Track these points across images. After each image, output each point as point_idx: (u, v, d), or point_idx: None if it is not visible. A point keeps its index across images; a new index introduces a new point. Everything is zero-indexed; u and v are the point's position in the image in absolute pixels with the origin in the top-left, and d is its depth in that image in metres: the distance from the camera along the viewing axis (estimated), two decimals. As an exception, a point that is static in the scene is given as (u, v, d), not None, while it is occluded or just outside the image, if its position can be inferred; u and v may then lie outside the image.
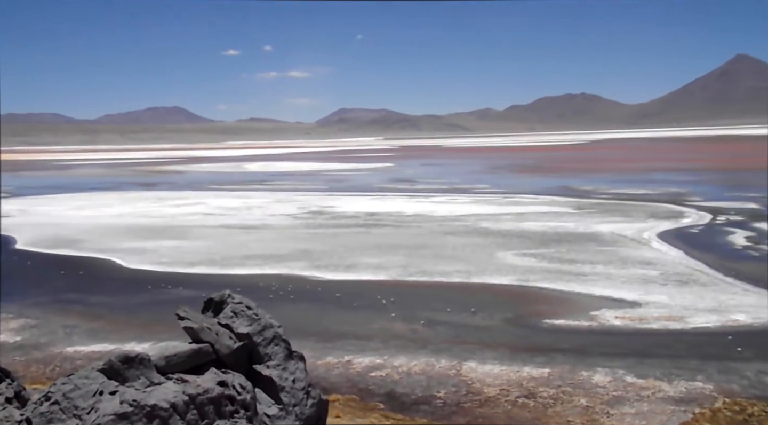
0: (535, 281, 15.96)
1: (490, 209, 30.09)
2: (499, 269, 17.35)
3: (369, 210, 31.10)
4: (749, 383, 9.17)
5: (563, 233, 22.74)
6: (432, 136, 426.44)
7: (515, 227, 24.63)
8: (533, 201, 33.22)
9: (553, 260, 18.34)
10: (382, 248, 20.93)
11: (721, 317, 12.38)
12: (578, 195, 35.61)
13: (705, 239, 21.41)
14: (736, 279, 15.44)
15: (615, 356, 10.55)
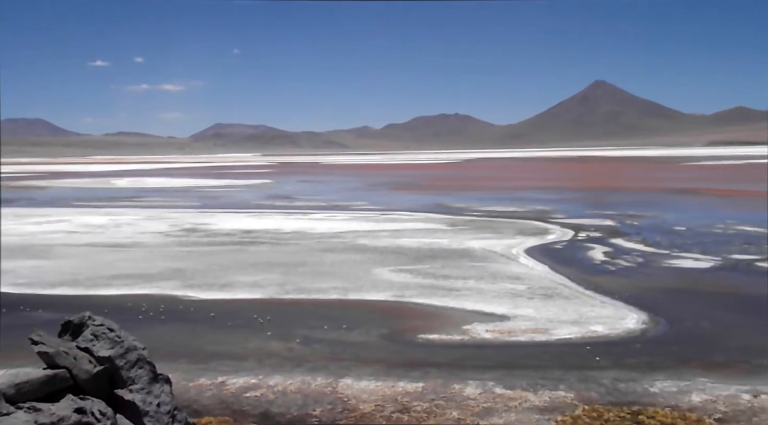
0: (410, 297, 16.24)
1: (367, 226, 30.39)
2: (375, 286, 17.53)
3: (245, 227, 30.61)
4: (606, 390, 9.72)
5: (438, 250, 23.31)
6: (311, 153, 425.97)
7: (392, 243, 24.99)
8: (409, 218, 33.86)
9: (428, 275, 18.74)
10: (259, 266, 20.64)
11: (581, 329, 13.07)
12: (452, 212, 36.62)
13: (568, 254, 22.57)
14: (595, 292, 16.36)
15: (485, 368, 10.89)
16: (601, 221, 31.07)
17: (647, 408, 8.87)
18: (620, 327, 13.23)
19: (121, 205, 43.75)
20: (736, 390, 9.48)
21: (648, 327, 13.23)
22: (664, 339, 12.53)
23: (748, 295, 16.08)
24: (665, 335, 12.79)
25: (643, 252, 22.46)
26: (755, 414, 8.60)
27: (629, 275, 18.92)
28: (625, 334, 12.78)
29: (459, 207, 39.63)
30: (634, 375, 10.29)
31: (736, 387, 9.60)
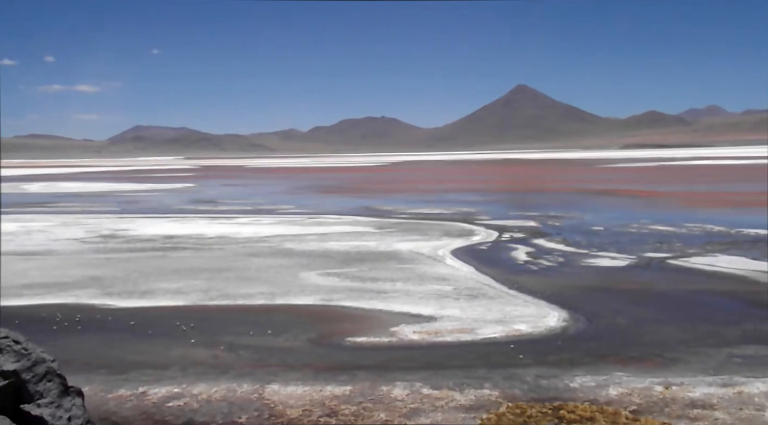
0: (338, 300, 16.22)
1: (294, 230, 30.19)
2: (303, 290, 17.43)
3: (167, 233, 29.93)
4: (529, 387, 9.95)
5: (365, 252, 23.36)
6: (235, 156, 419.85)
7: (319, 247, 24.91)
8: (337, 221, 33.81)
9: (356, 278, 18.77)
10: (182, 273, 20.22)
11: (506, 328, 13.34)
12: (379, 215, 36.76)
13: (492, 255, 22.99)
14: (519, 292, 16.74)
15: (413, 369, 10.97)
16: (524, 222, 31.78)
17: (568, 403, 9.13)
18: (542, 325, 13.57)
19: (32, 211, 42.05)
20: (649, 382, 9.86)
21: (568, 325, 13.61)
22: (583, 335, 12.92)
23: (660, 291, 16.75)
24: (584, 331, 13.19)
25: (563, 252, 23.10)
26: (667, 404, 8.97)
27: (550, 274, 19.42)
28: (547, 332, 13.11)
29: (386, 210, 39.83)
30: (555, 372, 10.57)
31: (649, 379, 9.98)
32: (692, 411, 8.67)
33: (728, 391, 9.33)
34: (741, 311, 14.41)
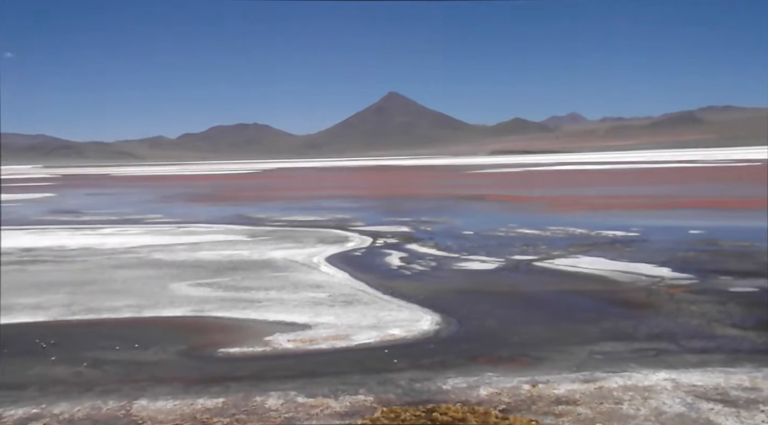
0: (210, 311, 15.80)
1: (163, 240, 29.15)
2: (172, 301, 16.85)
3: (24, 245, 28.10)
4: (403, 391, 10.09)
5: (238, 261, 22.92)
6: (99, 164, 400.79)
7: (190, 257, 24.19)
8: (208, 230, 32.98)
9: (229, 288, 18.36)
10: (41, 287, 19.02)
11: (380, 333, 13.47)
12: (252, 223, 36.20)
13: (367, 260, 23.19)
14: (393, 297, 16.96)
15: (287, 378, 10.86)
16: (398, 228, 32.27)
17: (441, 405, 9.33)
18: (416, 329, 13.81)
19: None
20: (517, 381, 10.25)
21: (441, 328, 13.92)
22: (455, 338, 13.26)
23: (527, 292, 17.47)
24: (456, 334, 13.54)
25: (435, 256, 23.64)
26: (534, 402, 9.36)
27: (423, 278, 19.82)
28: (420, 336, 13.35)
29: (259, 218, 39.28)
30: (428, 375, 10.78)
31: (518, 379, 10.38)
32: (557, 408, 9.09)
33: (590, 387, 9.85)
34: (601, 309, 15.24)
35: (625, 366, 10.89)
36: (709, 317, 14.01)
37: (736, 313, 14.23)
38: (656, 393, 9.51)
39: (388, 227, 32.56)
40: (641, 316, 14.33)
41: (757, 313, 14.18)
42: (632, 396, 9.42)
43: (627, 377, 10.27)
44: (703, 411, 8.76)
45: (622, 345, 12.17)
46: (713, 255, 21.82)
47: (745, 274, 18.42)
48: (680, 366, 10.75)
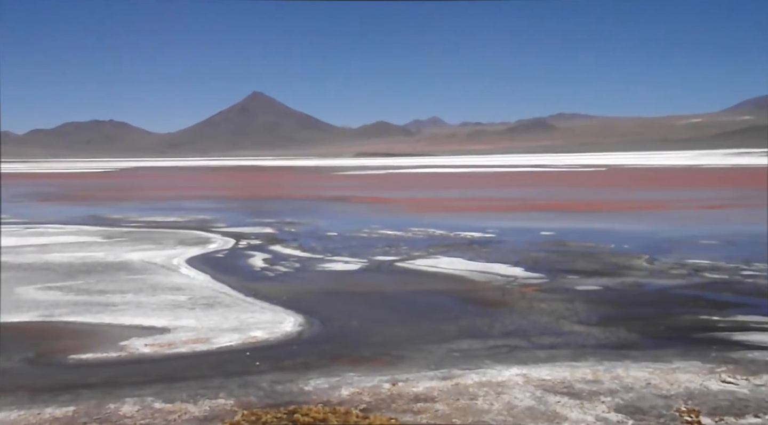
0: (61, 316, 14.93)
1: (9, 242, 27.20)
2: (19, 306, 15.76)
3: None
4: (264, 393, 9.99)
5: (92, 264, 21.80)
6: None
7: (39, 259, 22.73)
8: (59, 231, 31.13)
9: (82, 292, 17.43)
10: None
11: (242, 335, 13.26)
12: (108, 224, 34.61)
13: (229, 262, 22.75)
14: (256, 298, 16.74)
15: (144, 384, 10.45)
16: (261, 229, 31.89)
17: (302, 406, 9.31)
18: (279, 330, 13.70)
19: None
20: (378, 380, 10.41)
21: (304, 329, 13.89)
22: (318, 338, 13.28)
23: (389, 293, 17.79)
24: (319, 335, 13.56)
25: (299, 257, 23.56)
26: (394, 400, 9.55)
27: (287, 280, 19.70)
28: (283, 337, 13.27)
29: (116, 218, 37.58)
30: (290, 376, 10.73)
31: (378, 377, 10.54)
32: (416, 405, 9.32)
33: (447, 384, 10.17)
34: (458, 308, 15.77)
35: (480, 362, 11.33)
36: (558, 314, 14.84)
37: (582, 310, 15.16)
38: (509, 387, 9.97)
39: (251, 229, 32.10)
40: (496, 314, 14.97)
41: (600, 310, 15.18)
42: (487, 391, 9.82)
43: (482, 373, 10.69)
44: (551, 404, 9.27)
45: (478, 343, 12.66)
46: (562, 256, 23.14)
47: (590, 273, 19.67)
48: (531, 362, 11.32)
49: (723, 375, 10.29)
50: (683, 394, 9.51)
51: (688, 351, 11.81)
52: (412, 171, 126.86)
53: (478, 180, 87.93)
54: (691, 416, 8.62)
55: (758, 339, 12.52)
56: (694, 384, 9.94)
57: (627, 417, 8.74)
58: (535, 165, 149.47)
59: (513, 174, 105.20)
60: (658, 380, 10.16)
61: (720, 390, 9.64)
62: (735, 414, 8.74)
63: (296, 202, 51.50)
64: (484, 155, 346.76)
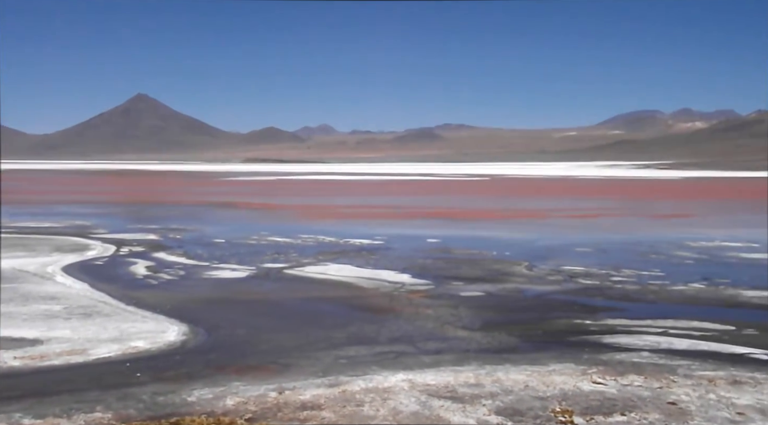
0: None
1: None
2: None
3: None
4: (145, 406, 9.67)
5: (-46, 272, 20.34)
6: None
7: None
8: None
9: (-59, 302, 16.22)
10: None
11: (122, 346, 12.77)
12: (-27, 229, 32.38)
13: (109, 270, 21.87)
14: (138, 307, 16.16)
15: (12, 399, 9.86)
16: (144, 236, 30.85)
17: (185, 417, 9.07)
18: (161, 340, 13.29)
19: None
20: (264, 389, 10.30)
21: (188, 338, 13.55)
22: (203, 348, 12.98)
23: (277, 300, 17.66)
24: (204, 344, 13.26)
25: (184, 265, 22.96)
26: (280, 409, 9.48)
27: (171, 288, 19.15)
28: (166, 347, 12.88)
29: (-18, 223, 35.23)
30: (173, 387, 10.43)
31: (265, 386, 10.43)
32: (302, 413, 9.28)
33: (334, 391, 10.19)
34: (347, 315, 15.84)
35: (367, 369, 11.42)
36: (443, 320, 15.19)
37: (466, 316, 15.59)
38: (394, 393, 10.11)
39: (133, 235, 30.99)
40: (383, 320, 15.14)
41: (483, 315, 15.66)
42: (373, 397, 9.92)
43: (369, 379, 10.79)
44: (435, 408, 9.48)
45: (366, 349, 12.76)
46: (447, 262, 23.71)
47: (474, 279, 20.26)
48: (416, 367, 11.52)
49: (594, 376, 10.84)
50: (558, 395, 9.95)
51: (563, 353, 12.38)
52: (302, 178, 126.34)
53: (368, 188, 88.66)
54: (564, 416, 9.04)
55: (625, 341, 13.30)
56: (568, 385, 10.42)
57: (506, 419, 9.06)
58: (422, 174, 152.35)
59: (401, 182, 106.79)
60: (535, 382, 10.58)
61: (591, 391, 10.16)
62: (604, 413, 9.23)
63: (182, 208, 50.14)
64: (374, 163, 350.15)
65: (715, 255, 25.32)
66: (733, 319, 15.16)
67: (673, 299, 17.71)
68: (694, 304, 17.02)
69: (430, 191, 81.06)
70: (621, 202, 58.64)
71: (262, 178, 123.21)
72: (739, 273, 21.29)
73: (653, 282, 19.76)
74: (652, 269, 22.06)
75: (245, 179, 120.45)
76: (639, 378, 10.80)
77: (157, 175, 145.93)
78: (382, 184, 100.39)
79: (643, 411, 9.31)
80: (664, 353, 12.42)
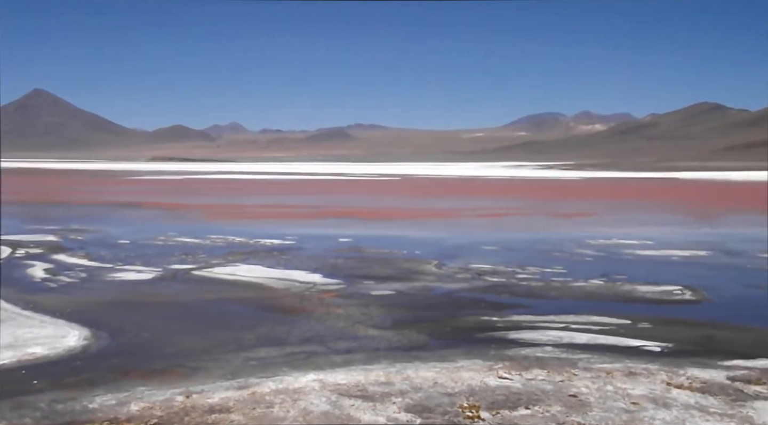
0: None
1: None
2: None
3: None
4: (42, 414, 9.29)
5: None
6: None
7: None
8: None
9: None
10: None
11: (17, 353, 12.19)
12: None
13: (4, 273, 20.82)
14: (35, 312, 15.46)
15: None
16: (43, 237, 29.55)
17: (85, 424, 8.76)
18: (61, 345, 12.77)
19: None
20: (171, 393, 10.07)
21: (90, 343, 13.08)
22: (105, 353, 12.56)
23: (185, 302, 17.28)
24: (107, 349, 12.84)
25: (86, 267, 22.13)
26: (187, 413, 9.29)
27: (72, 291, 18.43)
28: (66, 353, 12.39)
29: None
30: (73, 394, 10.05)
31: (171, 390, 10.19)
32: (210, 417, 9.13)
33: (243, 393, 10.07)
34: (257, 316, 15.67)
35: (277, 370, 11.34)
36: (354, 319, 15.26)
37: (377, 314, 15.71)
38: (305, 394, 10.08)
39: (31, 236, 29.61)
40: (294, 321, 15.07)
41: (393, 314, 15.82)
42: (283, 398, 9.86)
43: (279, 381, 10.71)
44: (345, 407, 9.51)
45: (276, 350, 12.67)
46: (359, 262, 23.80)
47: (385, 278, 20.43)
48: (327, 367, 11.52)
49: (500, 372, 11.14)
50: (466, 391, 10.17)
51: (470, 350, 12.66)
52: (212, 177, 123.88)
53: (279, 187, 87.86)
54: (472, 411, 9.25)
55: (530, 336, 13.73)
56: (475, 381, 10.67)
57: (415, 416, 9.19)
58: (334, 173, 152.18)
59: (313, 182, 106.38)
60: (444, 379, 10.78)
61: (497, 386, 10.43)
62: (509, 407, 9.50)
63: (84, 208, 48.26)
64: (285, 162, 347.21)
65: (612, 253, 26.46)
66: (629, 313, 15.92)
67: (575, 295, 18.41)
68: (594, 300, 17.76)
69: (342, 190, 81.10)
70: (526, 202, 60.41)
71: (170, 177, 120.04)
72: (634, 270, 22.33)
73: (556, 279, 20.48)
74: (554, 266, 22.84)
75: (152, 178, 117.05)
76: (542, 372, 11.17)
77: (57, 174, 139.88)
78: (294, 183, 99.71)
79: (545, 404, 9.64)
80: (565, 347, 12.91)
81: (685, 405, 9.58)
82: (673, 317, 15.79)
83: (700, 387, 10.45)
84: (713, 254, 25.90)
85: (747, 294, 18.91)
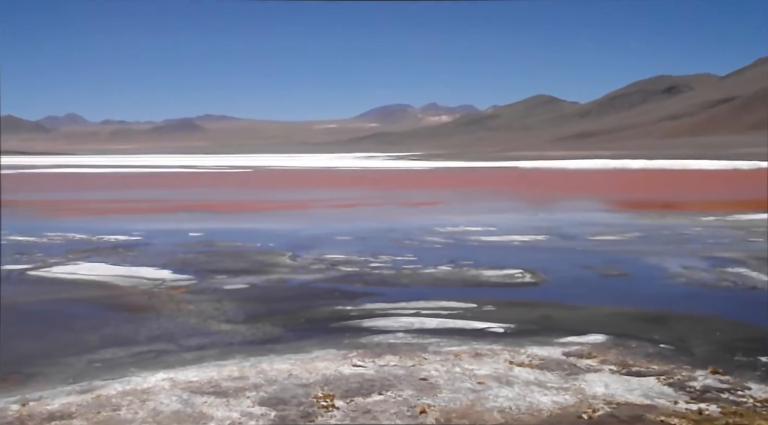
0: None
1: None
2: None
3: None
4: None
5: None
6: None
7: None
8: None
9: None
10: None
11: None
12: None
13: None
14: None
15: None
16: None
17: None
18: None
19: None
20: (5, 402, 9.42)
21: None
22: (-72, 364, 11.49)
23: (20, 305, 16.14)
24: (-70, 359, 11.75)
25: None
26: (23, 423, 8.74)
27: None
28: None
29: None
30: None
31: (5, 399, 9.54)
32: (50, 424, 8.63)
33: (87, 397, 9.60)
34: (101, 316, 14.94)
35: (124, 371, 10.90)
36: (206, 315, 14.92)
37: (230, 309, 15.45)
38: (154, 394, 9.75)
39: None
40: (142, 319, 14.51)
41: (247, 307, 15.63)
42: (131, 400, 9.49)
43: (126, 382, 10.30)
44: (198, 405, 9.30)
45: (123, 351, 12.16)
46: (210, 256, 23.27)
47: (238, 272, 20.11)
48: (178, 365, 11.21)
49: (354, 360, 11.32)
50: (320, 381, 10.26)
51: (325, 340, 12.77)
52: (49, 171, 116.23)
53: (123, 181, 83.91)
54: (326, 400, 9.35)
55: (382, 324, 14.04)
56: (330, 370, 10.78)
57: (270, 408, 9.16)
58: (182, 166, 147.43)
59: (160, 175, 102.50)
60: (299, 370, 10.80)
61: (351, 374, 10.60)
62: (363, 394, 9.69)
63: None
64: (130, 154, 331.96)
65: (459, 239, 27.53)
66: (475, 297, 16.65)
67: (425, 281, 19.01)
68: (443, 285, 18.42)
69: (192, 183, 78.75)
70: (378, 192, 61.51)
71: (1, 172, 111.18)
72: (479, 255, 23.38)
73: (407, 267, 21.03)
74: (405, 254, 23.45)
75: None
76: (395, 358, 11.47)
77: None
78: (140, 176, 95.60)
79: (398, 388, 9.91)
80: (416, 332, 13.31)
81: (525, 382, 10.19)
82: (515, 299, 16.69)
83: (539, 363, 11.15)
84: (550, 239, 27.58)
85: (580, 275, 20.32)
